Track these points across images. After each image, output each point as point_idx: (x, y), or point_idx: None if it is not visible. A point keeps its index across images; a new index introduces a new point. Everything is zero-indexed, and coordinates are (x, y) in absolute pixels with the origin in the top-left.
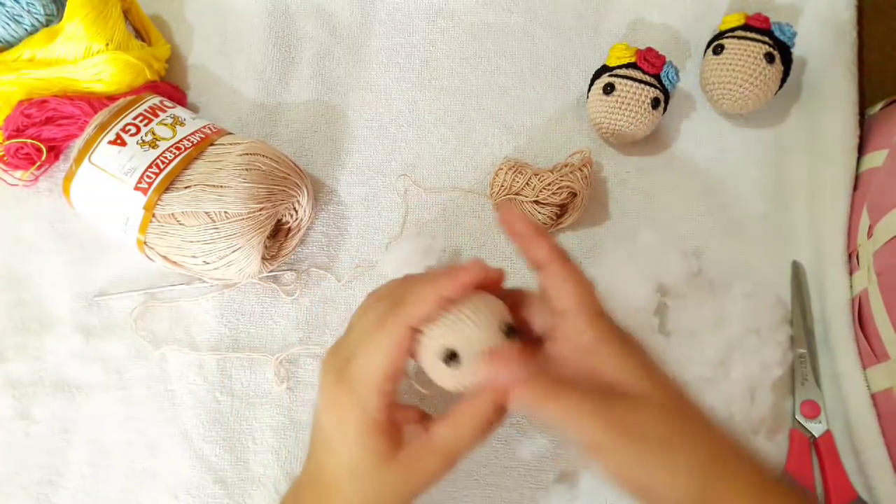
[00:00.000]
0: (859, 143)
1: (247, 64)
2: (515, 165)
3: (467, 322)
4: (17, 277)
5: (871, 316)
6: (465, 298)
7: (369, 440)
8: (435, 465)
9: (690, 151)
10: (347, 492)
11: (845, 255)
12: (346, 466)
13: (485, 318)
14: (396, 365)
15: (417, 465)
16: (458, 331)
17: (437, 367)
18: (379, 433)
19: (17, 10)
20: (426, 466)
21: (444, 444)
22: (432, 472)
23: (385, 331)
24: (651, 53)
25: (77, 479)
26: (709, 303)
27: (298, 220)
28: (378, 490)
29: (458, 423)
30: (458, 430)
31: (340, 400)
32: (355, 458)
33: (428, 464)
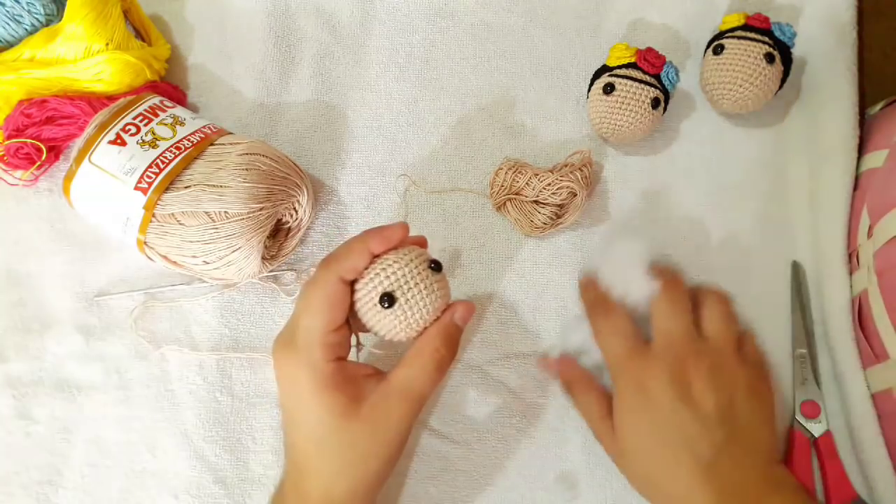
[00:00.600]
0: (859, 143)
1: (247, 64)
2: (515, 165)
3: (394, 266)
4: (17, 277)
5: (871, 316)
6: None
7: (325, 398)
8: (399, 411)
9: (690, 151)
10: (317, 466)
11: (845, 255)
12: (311, 437)
13: (410, 259)
14: (332, 315)
15: (382, 415)
16: (389, 275)
17: (378, 317)
18: (333, 388)
19: (17, 10)
20: (391, 414)
21: (403, 386)
22: (398, 419)
23: (316, 285)
24: (651, 53)
25: (77, 479)
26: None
27: (298, 220)
28: (346, 452)
29: (413, 363)
30: (415, 370)
31: (289, 367)
32: (316, 423)
33: (392, 410)
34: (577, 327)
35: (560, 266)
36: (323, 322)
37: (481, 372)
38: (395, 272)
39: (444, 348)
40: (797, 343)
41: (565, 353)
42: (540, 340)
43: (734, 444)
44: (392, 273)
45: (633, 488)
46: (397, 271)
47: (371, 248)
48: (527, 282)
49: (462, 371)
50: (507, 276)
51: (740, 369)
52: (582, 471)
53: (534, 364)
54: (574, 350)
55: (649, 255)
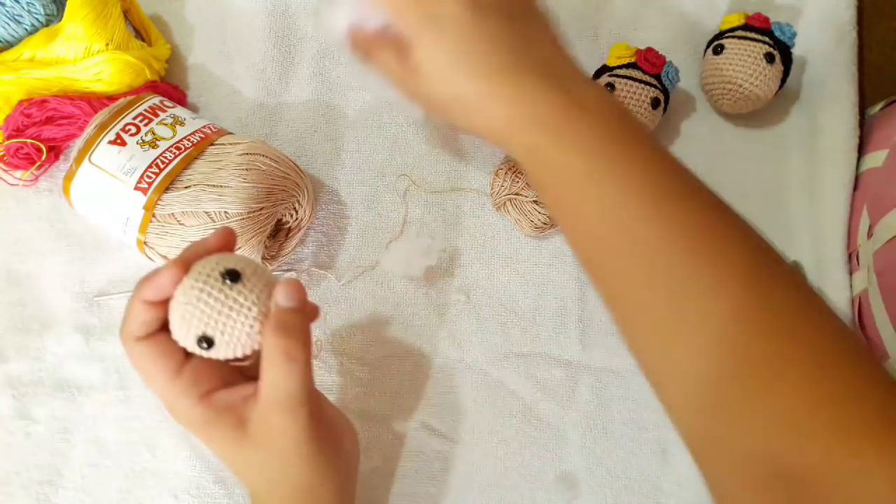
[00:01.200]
0: (859, 143)
1: (247, 64)
2: (515, 166)
3: (184, 303)
4: (17, 277)
5: (871, 316)
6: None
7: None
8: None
9: (690, 151)
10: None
11: (845, 255)
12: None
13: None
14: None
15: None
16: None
17: (206, 356)
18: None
19: (17, 10)
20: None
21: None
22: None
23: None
24: (651, 53)
25: (77, 479)
26: None
27: (298, 220)
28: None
29: (269, 370)
30: (273, 376)
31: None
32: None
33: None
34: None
35: (560, 266)
36: (158, 383)
37: (481, 372)
38: (190, 311)
39: (288, 340)
40: None
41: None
42: (540, 340)
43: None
44: (188, 313)
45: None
46: (192, 309)
47: (145, 299)
48: (527, 282)
49: (462, 371)
50: (507, 276)
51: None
52: (582, 471)
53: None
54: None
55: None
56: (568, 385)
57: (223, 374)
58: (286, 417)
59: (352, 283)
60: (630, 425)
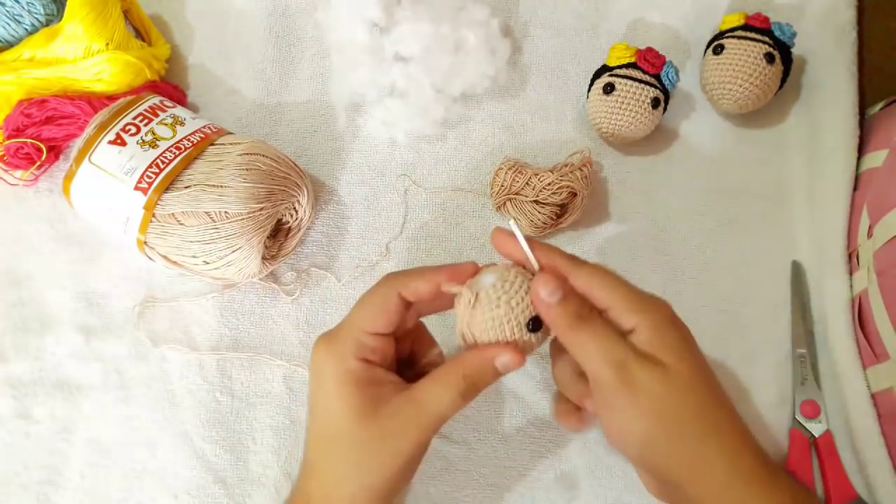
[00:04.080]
0: (859, 143)
1: (247, 64)
2: (515, 165)
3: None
4: (17, 277)
5: (871, 316)
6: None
7: (345, 392)
8: (415, 423)
9: (690, 151)
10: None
11: (845, 255)
12: (325, 433)
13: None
14: (380, 318)
15: (397, 423)
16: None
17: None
18: (355, 384)
19: (17, 10)
20: (406, 424)
21: (425, 400)
22: (411, 431)
23: (375, 290)
24: (651, 53)
25: (77, 479)
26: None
27: (298, 220)
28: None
29: (441, 380)
30: (441, 387)
31: (320, 359)
32: (332, 419)
33: (408, 421)
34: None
35: None
36: (367, 320)
37: None
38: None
39: (475, 378)
40: (797, 343)
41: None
42: None
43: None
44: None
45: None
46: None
47: (440, 280)
48: None
49: None
50: None
51: None
52: (582, 471)
53: (534, 364)
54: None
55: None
56: None
57: (387, 360)
58: (424, 421)
59: (352, 283)
60: None
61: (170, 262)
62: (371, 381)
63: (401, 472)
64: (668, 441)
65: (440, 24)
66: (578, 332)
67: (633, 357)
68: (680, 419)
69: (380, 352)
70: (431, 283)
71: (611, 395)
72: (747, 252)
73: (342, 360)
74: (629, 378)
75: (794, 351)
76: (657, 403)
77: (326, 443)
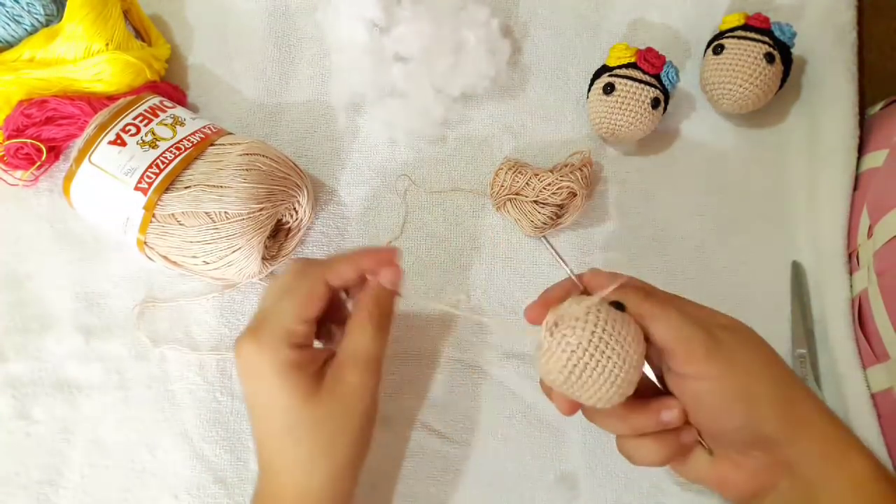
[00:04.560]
0: (859, 143)
1: (247, 64)
2: (515, 165)
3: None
4: (17, 277)
5: (871, 316)
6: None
7: (288, 381)
8: (354, 378)
9: (690, 151)
10: (288, 459)
11: (845, 255)
12: (279, 427)
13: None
14: (309, 306)
15: (339, 388)
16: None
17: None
18: (295, 370)
19: (17, 10)
20: (346, 384)
21: (350, 354)
22: (355, 388)
23: (299, 280)
24: (651, 53)
25: (77, 479)
26: None
27: (298, 220)
28: (316, 436)
29: (353, 330)
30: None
31: (252, 357)
32: (282, 411)
33: (347, 380)
34: None
35: (560, 266)
36: (296, 310)
37: (481, 372)
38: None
39: (377, 309)
40: (797, 343)
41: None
42: None
43: None
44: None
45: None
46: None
47: (361, 265)
48: (527, 282)
49: (462, 371)
50: (507, 276)
51: None
52: (582, 471)
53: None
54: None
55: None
56: None
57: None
58: (360, 373)
59: None
60: None
61: (170, 262)
62: (308, 362)
63: (362, 431)
64: (767, 397)
65: (440, 24)
66: (658, 303)
67: (713, 322)
68: (773, 375)
69: (308, 336)
70: (356, 268)
71: (705, 358)
72: (747, 252)
73: (276, 351)
74: (717, 339)
75: (794, 351)
76: (748, 358)
77: (281, 438)
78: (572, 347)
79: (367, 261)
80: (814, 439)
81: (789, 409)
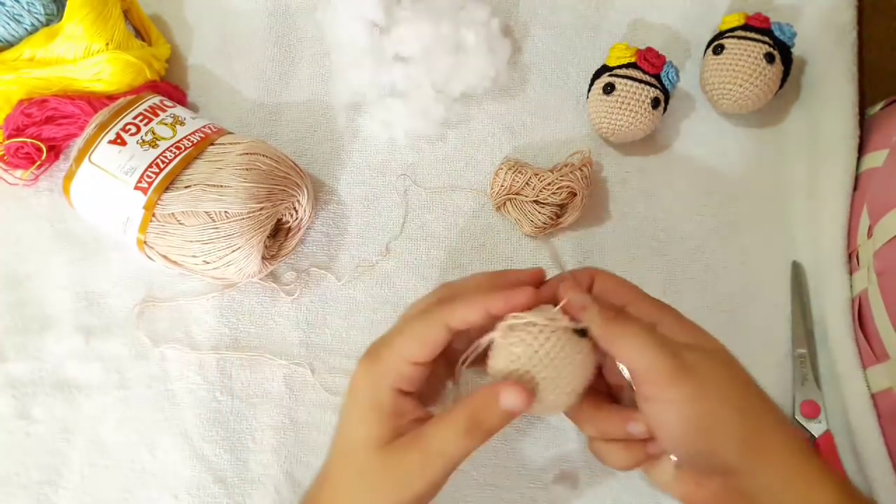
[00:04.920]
0: (859, 143)
1: (247, 64)
2: (515, 165)
3: (531, 341)
4: (17, 277)
5: (871, 316)
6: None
7: (369, 419)
8: (414, 465)
9: (690, 151)
10: (337, 481)
11: (845, 255)
12: (343, 451)
13: (550, 330)
14: (422, 350)
15: (408, 462)
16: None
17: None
18: (381, 414)
19: (17, 10)
20: (406, 466)
21: (428, 442)
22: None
23: (423, 319)
24: (651, 53)
25: (77, 479)
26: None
27: (298, 220)
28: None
29: (447, 423)
30: (445, 430)
31: (361, 377)
32: (354, 439)
33: (409, 463)
34: None
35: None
36: (409, 350)
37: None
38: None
39: (478, 418)
40: (797, 343)
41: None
42: None
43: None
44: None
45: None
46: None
47: (490, 309)
48: None
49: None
50: None
51: None
52: (582, 471)
53: None
54: None
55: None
56: None
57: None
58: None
59: (352, 283)
60: None
61: (170, 261)
62: (397, 414)
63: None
64: (729, 425)
65: (440, 24)
66: (623, 325)
67: (679, 343)
68: (740, 403)
69: (417, 381)
70: (481, 311)
71: (667, 383)
72: (747, 252)
73: (377, 386)
74: (684, 363)
75: (794, 351)
76: (715, 384)
77: (345, 459)
78: (515, 356)
79: (497, 303)
80: (776, 471)
81: (754, 438)
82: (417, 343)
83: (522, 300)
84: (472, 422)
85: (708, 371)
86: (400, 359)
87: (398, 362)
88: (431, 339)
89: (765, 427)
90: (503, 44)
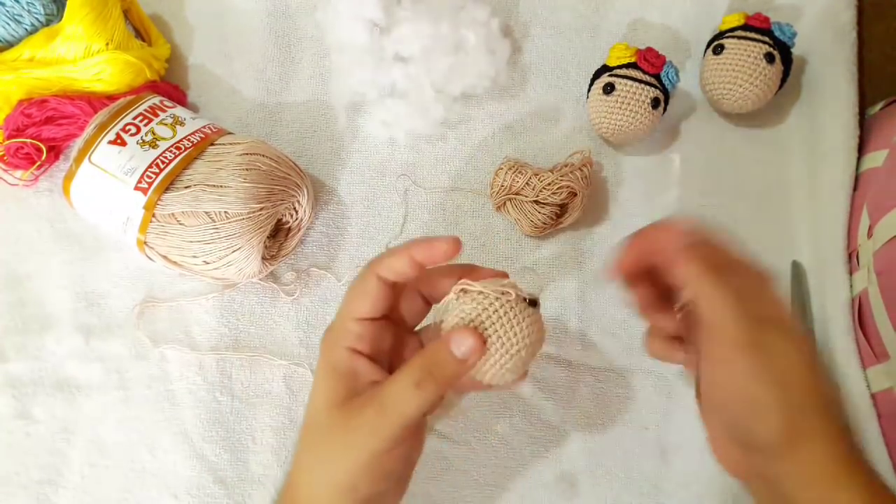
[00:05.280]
0: (859, 143)
1: (247, 64)
2: (515, 165)
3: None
4: (17, 277)
5: (871, 316)
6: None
7: (326, 382)
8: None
9: (690, 151)
10: (305, 458)
11: (845, 255)
12: (308, 423)
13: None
14: (362, 303)
15: (362, 419)
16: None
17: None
18: (335, 375)
19: (17, 10)
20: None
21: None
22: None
23: (359, 276)
24: (651, 53)
25: (77, 479)
26: None
27: (298, 220)
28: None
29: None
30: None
31: (320, 348)
32: (313, 408)
33: (371, 417)
34: None
35: (560, 266)
36: (353, 307)
37: None
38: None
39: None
40: None
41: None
42: None
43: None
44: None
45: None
46: (487, 307)
47: (413, 255)
48: (527, 282)
49: None
50: None
51: None
52: (582, 471)
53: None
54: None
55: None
56: (568, 385)
57: (381, 352)
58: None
59: None
60: (630, 425)
61: (170, 262)
62: (350, 373)
63: (366, 469)
64: (772, 408)
65: (440, 24)
66: (713, 279)
67: (773, 318)
68: (804, 391)
69: (368, 340)
70: (404, 257)
71: (733, 352)
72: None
73: (332, 349)
74: (758, 339)
75: None
76: (779, 369)
77: (308, 434)
78: (465, 313)
79: (419, 250)
80: (804, 462)
81: (793, 429)
82: (357, 298)
83: (444, 247)
84: (423, 372)
85: (779, 352)
86: (347, 317)
87: (346, 321)
88: (368, 291)
89: (808, 415)
90: (503, 44)
